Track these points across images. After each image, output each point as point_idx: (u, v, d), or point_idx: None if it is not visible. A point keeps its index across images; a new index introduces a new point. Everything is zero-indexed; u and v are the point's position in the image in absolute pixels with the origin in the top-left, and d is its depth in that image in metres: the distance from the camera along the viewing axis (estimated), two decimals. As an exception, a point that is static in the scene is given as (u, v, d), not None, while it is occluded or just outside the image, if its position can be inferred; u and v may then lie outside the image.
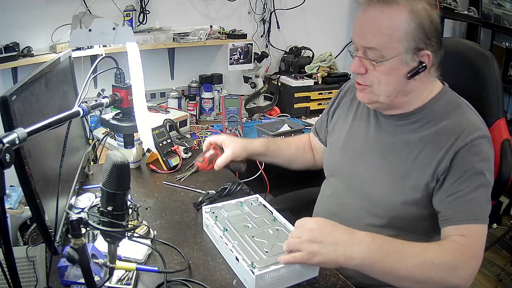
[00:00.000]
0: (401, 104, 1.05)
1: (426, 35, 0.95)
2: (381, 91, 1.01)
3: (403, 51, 0.95)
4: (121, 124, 1.27)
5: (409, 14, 0.93)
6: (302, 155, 1.41)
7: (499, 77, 1.16)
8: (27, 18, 2.06)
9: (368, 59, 0.98)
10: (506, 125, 1.15)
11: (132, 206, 0.77)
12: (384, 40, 0.95)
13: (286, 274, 0.93)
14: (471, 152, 0.95)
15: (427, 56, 0.96)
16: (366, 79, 1.02)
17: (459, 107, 1.03)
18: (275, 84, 2.59)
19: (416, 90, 1.02)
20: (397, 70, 0.97)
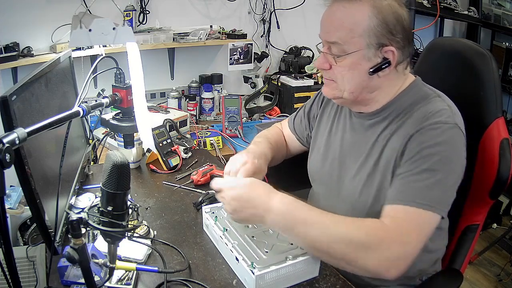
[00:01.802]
0: (368, 101, 1.05)
1: (389, 31, 0.94)
2: (345, 87, 1.01)
3: (364, 46, 0.95)
4: (121, 124, 1.27)
5: (371, 10, 0.93)
6: (281, 151, 1.38)
7: (497, 76, 1.15)
8: (27, 18, 2.06)
9: (332, 54, 0.99)
10: (504, 124, 1.15)
11: (132, 206, 0.77)
12: (345, 35, 0.95)
13: (286, 274, 0.93)
14: (426, 135, 0.93)
15: (391, 52, 0.95)
16: (331, 74, 1.02)
17: (426, 98, 1.00)
18: (275, 84, 2.59)
19: (382, 86, 1.02)
20: (360, 65, 0.97)
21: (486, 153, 1.14)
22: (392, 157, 0.99)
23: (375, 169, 1.02)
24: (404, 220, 0.89)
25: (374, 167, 1.03)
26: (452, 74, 1.25)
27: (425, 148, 0.92)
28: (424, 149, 0.92)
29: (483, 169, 1.15)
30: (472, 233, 1.22)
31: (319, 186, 1.23)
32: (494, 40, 3.12)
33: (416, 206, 0.89)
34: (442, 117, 0.95)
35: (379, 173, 1.01)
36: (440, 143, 0.92)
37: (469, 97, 1.10)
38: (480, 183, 1.17)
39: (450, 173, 0.92)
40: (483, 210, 1.22)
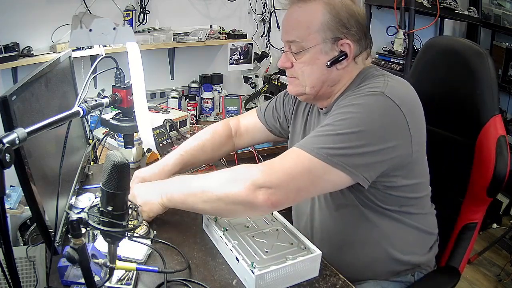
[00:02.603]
0: (329, 95, 1.08)
1: (343, 25, 0.99)
2: (306, 82, 1.05)
3: (321, 41, 1.00)
4: (121, 124, 1.27)
5: (324, 6, 0.99)
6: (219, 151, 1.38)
7: (494, 74, 1.16)
8: (27, 18, 2.06)
9: (292, 52, 1.05)
10: (501, 122, 1.15)
11: (132, 206, 0.77)
12: (302, 32, 1.01)
13: (286, 274, 0.93)
14: (346, 100, 0.97)
15: (348, 45, 1.00)
16: (293, 71, 1.07)
17: (370, 78, 1.02)
18: (275, 84, 2.59)
19: (342, 79, 1.05)
20: (318, 60, 1.02)
21: (483, 151, 1.15)
22: None
23: None
24: (283, 156, 0.94)
25: None
26: (448, 72, 1.25)
27: (339, 108, 0.95)
28: (338, 109, 0.95)
29: (480, 167, 1.16)
30: (470, 231, 1.23)
31: None
32: (494, 40, 3.12)
33: (300, 148, 0.92)
34: (368, 87, 0.97)
35: None
36: (354, 105, 0.93)
37: (466, 95, 1.11)
38: (477, 181, 1.17)
39: (356, 132, 0.89)
40: (481, 208, 1.22)
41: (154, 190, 1.09)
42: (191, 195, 1.00)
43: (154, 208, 1.08)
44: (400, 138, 0.93)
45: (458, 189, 1.22)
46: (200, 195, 0.98)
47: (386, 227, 1.06)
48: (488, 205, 1.22)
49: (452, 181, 1.20)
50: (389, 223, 1.06)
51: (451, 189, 1.21)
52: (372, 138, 0.90)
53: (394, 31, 2.78)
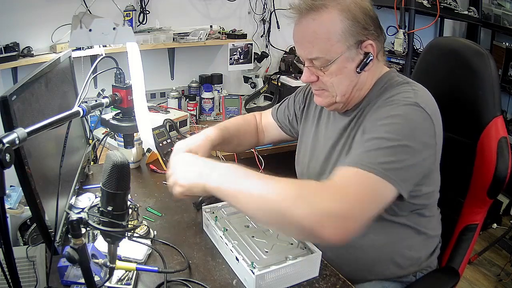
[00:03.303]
0: (356, 98, 1.06)
1: (363, 27, 0.96)
2: (336, 92, 1.02)
3: (345, 49, 0.96)
4: (121, 124, 1.27)
5: (340, 13, 0.95)
6: (246, 140, 1.37)
7: (496, 75, 1.16)
8: (27, 18, 2.06)
9: (316, 67, 1.00)
10: (503, 123, 1.15)
11: (132, 206, 0.77)
12: (323, 46, 0.96)
13: (286, 274, 0.93)
14: (380, 111, 0.95)
15: (371, 45, 0.98)
16: (320, 84, 1.03)
17: (395, 85, 1.02)
18: (275, 84, 2.59)
19: (368, 80, 1.04)
20: (346, 68, 0.99)
21: (484, 152, 1.15)
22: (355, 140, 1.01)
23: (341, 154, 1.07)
24: (342, 178, 0.85)
25: (340, 152, 1.07)
26: (451, 73, 1.25)
27: (377, 120, 0.93)
28: (377, 121, 0.93)
29: (481, 168, 1.15)
30: (471, 232, 1.23)
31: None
32: (494, 40, 3.12)
33: (356, 166, 0.85)
34: (400, 97, 0.96)
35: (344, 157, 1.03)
36: (393, 116, 0.92)
37: (467, 96, 1.10)
38: (478, 182, 1.17)
39: (402, 146, 0.88)
40: (482, 209, 1.22)
41: (200, 168, 0.94)
42: (246, 195, 0.85)
43: (195, 189, 0.93)
44: (431, 148, 0.94)
45: (459, 190, 1.22)
46: (256, 199, 0.84)
47: (393, 232, 1.06)
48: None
49: (453, 182, 1.20)
50: (397, 228, 1.05)
51: (452, 190, 1.21)
52: (413, 151, 0.89)
53: (394, 31, 2.77)
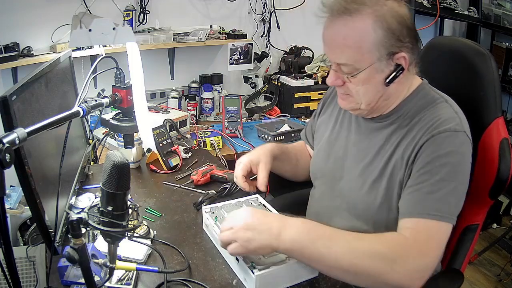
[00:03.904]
0: (382, 107, 1.04)
1: (397, 39, 0.91)
2: (361, 100, 1.00)
3: (375, 60, 0.92)
4: (121, 124, 1.27)
5: (374, 22, 0.90)
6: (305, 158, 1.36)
7: (497, 75, 1.15)
8: (27, 18, 2.06)
9: (343, 72, 0.97)
10: (504, 124, 1.15)
11: (132, 206, 0.77)
12: (353, 54, 0.92)
13: (286, 274, 0.93)
14: (436, 144, 0.93)
15: (403, 58, 0.94)
16: (345, 89, 1.00)
17: (433, 103, 1.00)
18: (275, 84, 2.59)
19: (397, 91, 1.01)
20: (374, 79, 0.95)
21: (486, 153, 1.14)
22: (401, 165, 0.98)
23: (381, 176, 1.02)
24: (423, 233, 0.89)
25: (381, 174, 1.02)
26: (451, 73, 1.25)
27: (436, 158, 0.92)
28: (436, 159, 0.92)
29: (483, 169, 1.15)
30: (472, 233, 1.22)
31: (320, 184, 1.23)
32: (494, 40, 3.12)
33: (433, 219, 0.90)
34: (451, 124, 0.94)
35: (386, 180, 1.00)
36: (452, 152, 0.92)
37: (468, 97, 1.10)
38: (479, 183, 1.16)
39: (461, 182, 0.93)
40: (483, 210, 1.22)
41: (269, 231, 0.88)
42: (332, 259, 0.85)
43: (261, 252, 0.91)
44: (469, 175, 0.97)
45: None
46: (343, 262, 0.85)
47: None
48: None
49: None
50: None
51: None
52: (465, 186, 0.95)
53: (394, 31, 2.77)
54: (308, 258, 0.88)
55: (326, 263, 0.87)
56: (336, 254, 0.85)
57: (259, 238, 0.87)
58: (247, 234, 0.88)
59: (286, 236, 0.87)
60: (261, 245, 0.88)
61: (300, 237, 0.87)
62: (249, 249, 0.89)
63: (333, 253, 0.85)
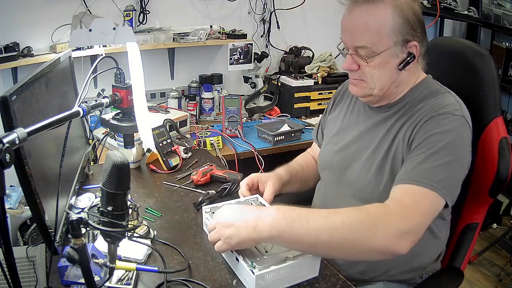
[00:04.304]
0: (391, 95, 1.09)
1: (411, 27, 1.00)
2: (375, 85, 1.05)
3: (392, 44, 1.00)
4: (121, 124, 1.27)
5: (393, 10, 0.98)
6: (313, 170, 1.39)
7: (496, 75, 1.17)
8: (27, 18, 2.06)
9: (360, 56, 1.03)
10: (503, 123, 1.16)
11: (132, 206, 0.77)
12: (373, 38, 0.99)
13: (286, 274, 0.93)
14: (433, 123, 0.98)
15: (415, 46, 1.01)
16: (360, 74, 1.06)
17: (437, 93, 1.06)
18: (275, 84, 2.59)
19: (406, 79, 1.07)
20: (389, 64, 1.02)
21: (485, 152, 1.15)
22: (402, 146, 1.03)
23: (385, 158, 1.06)
24: (407, 197, 0.92)
25: (385, 156, 1.06)
26: (451, 73, 1.25)
27: (432, 134, 0.96)
28: (432, 136, 0.96)
29: (482, 168, 1.16)
30: (471, 231, 1.23)
31: (328, 174, 1.25)
32: (494, 40, 3.12)
33: (419, 185, 0.92)
34: (451, 108, 0.99)
35: (390, 161, 1.05)
36: (447, 131, 0.96)
37: (468, 97, 1.11)
38: (479, 182, 1.17)
39: (455, 160, 0.95)
40: (483, 208, 1.22)
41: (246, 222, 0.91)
42: (312, 237, 0.87)
43: (245, 245, 0.94)
44: (469, 160, 1.01)
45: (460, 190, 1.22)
46: (323, 237, 0.87)
47: None
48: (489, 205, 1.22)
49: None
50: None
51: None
52: (462, 165, 0.98)
53: (394, 31, 2.77)
54: (290, 241, 0.90)
55: (308, 242, 0.88)
56: (315, 231, 0.87)
57: (238, 233, 0.91)
58: (227, 231, 0.92)
59: (263, 226, 0.89)
60: (242, 239, 0.91)
61: (276, 223, 0.89)
62: (232, 245, 0.92)
63: (312, 230, 0.87)
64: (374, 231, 0.86)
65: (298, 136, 2.20)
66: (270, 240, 0.91)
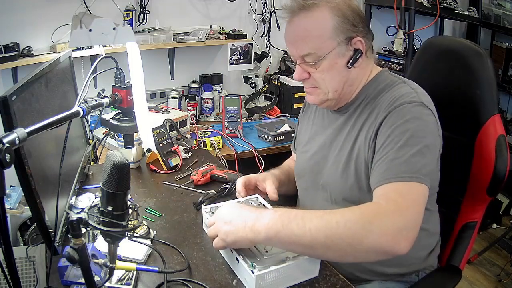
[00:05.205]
0: (346, 95, 1.09)
1: (352, 24, 1.00)
2: (328, 88, 1.05)
3: (336, 45, 1.00)
4: (121, 124, 1.27)
5: (330, 11, 0.99)
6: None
7: (493, 74, 1.17)
8: (27, 18, 2.06)
9: (307, 63, 1.03)
10: (500, 121, 1.16)
11: (132, 206, 0.77)
12: (315, 43, 1.00)
13: (286, 274, 0.93)
14: (393, 117, 0.97)
15: (360, 42, 1.02)
16: (312, 81, 1.07)
17: (392, 85, 1.05)
18: (275, 84, 2.59)
19: (358, 77, 1.08)
20: (336, 64, 1.02)
21: (483, 150, 1.15)
22: (365, 145, 1.02)
23: (349, 159, 1.07)
24: (394, 194, 0.90)
25: (348, 157, 1.07)
26: (447, 72, 1.25)
27: (395, 128, 0.96)
28: (395, 129, 0.96)
29: (480, 166, 1.16)
30: (470, 230, 1.23)
31: (303, 181, 1.26)
32: (494, 40, 3.12)
33: (400, 181, 0.91)
34: (406, 98, 0.99)
35: (353, 162, 1.05)
36: (409, 120, 0.95)
37: (465, 95, 1.11)
38: (477, 180, 1.17)
39: (426, 146, 0.94)
40: (481, 207, 1.22)
41: (244, 222, 0.92)
42: (308, 237, 0.86)
43: (240, 244, 0.93)
44: (439, 142, 1.01)
45: (458, 188, 1.23)
46: (319, 237, 0.85)
47: None
48: (488, 205, 1.22)
49: (452, 180, 1.20)
50: None
51: (451, 188, 1.21)
52: (434, 148, 0.97)
53: (394, 31, 2.77)
54: (286, 242, 0.89)
55: (305, 243, 0.87)
56: (310, 231, 0.86)
57: (235, 231, 0.92)
58: (225, 228, 0.94)
59: (259, 226, 0.89)
60: (237, 238, 0.92)
61: (273, 223, 0.89)
62: (228, 242, 0.93)
63: (308, 231, 0.86)
64: (370, 228, 0.84)
65: (298, 136, 2.20)
66: (267, 241, 0.91)
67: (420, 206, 0.90)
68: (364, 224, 0.85)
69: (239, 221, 0.92)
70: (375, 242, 0.83)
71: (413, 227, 0.86)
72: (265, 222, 0.89)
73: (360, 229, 0.84)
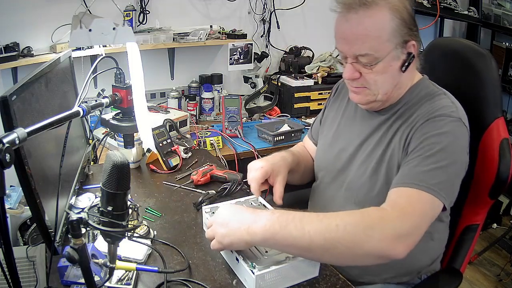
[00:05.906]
0: (393, 97, 1.08)
1: (408, 27, 0.98)
2: (379, 90, 1.03)
3: (392, 48, 0.98)
4: (121, 124, 1.27)
5: (390, 12, 0.96)
6: (311, 160, 1.37)
7: (497, 76, 1.16)
8: (27, 18, 2.06)
9: (361, 63, 1.00)
10: (504, 124, 1.15)
11: (132, 206, 0.77)
12: (374, 44, 0.96)
13: (286, 274, 0.93)
14: (430, 126, 0.97)
15: (413, 45, 1.00)
16: (362, 81, 1.03)
17: (432, 95, 1.05)
18: (275, 84, 2.59)
19: (406, 80, 1.06)
20: (391, 67, 1.00)
21: (486, 153, 1.15)
22: (398, 150, 1.02)
23: (381, 161, 1.05)
24: (404, 200, 0.90)
25: (380, 159, 1.05)
26: (452, 74, 1.25)
27: (428, 137, 0.95)
28: (428, 139, 0.95)
29: (483, 169, 1.15)
30: (472, 233, 1.23)
31: (324, 175, 1.24)
32: (494, 40, 3.12)
33: (416, 188, 0.90)
34: (446, 110, 0.98)
35: (385, 165, 1.04)
36: (443, 133, 0.95)
37: (469, 98, 1.11)
38: (480, 183, 1.17)
39: (453, 163, 0.94)
40: (483, 210, 1.22)
41: (242, 219, 0.92)
42: (306, 239, 0.85)
43: (236, 246, 0.93)
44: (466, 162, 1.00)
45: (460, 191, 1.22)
46: (317, 240, 0.85)
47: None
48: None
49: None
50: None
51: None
52: (460, 168, 0.97)
53: (394, 31, 2.77)
54: (283, 244, 0.88)
55: (302, 245, 0.86)
56: (309, 233, 0.85)
57: (232, 233, 0.91)
58: (221, 230, 0.93)
59: (256, 228, 0.88)
60: (233, 240, 0.91)
61: (270, 225, 0.88)
62: (224, 244, 0.92)
63: (306, 233, 0.85)
64: (371, 233, 0.83)
65: (298, 136, 2.20)
66: (264, 243, 0.90)
67: (426, 218, 0.90)
68: (365, 229, 0.84)
69: (235, 223, 0.91)
70: (374, 246, 0.84)
71: (414, 234, 0.86)
72: (262, 224, 0.88)
73: (360, 233, 0.84)
